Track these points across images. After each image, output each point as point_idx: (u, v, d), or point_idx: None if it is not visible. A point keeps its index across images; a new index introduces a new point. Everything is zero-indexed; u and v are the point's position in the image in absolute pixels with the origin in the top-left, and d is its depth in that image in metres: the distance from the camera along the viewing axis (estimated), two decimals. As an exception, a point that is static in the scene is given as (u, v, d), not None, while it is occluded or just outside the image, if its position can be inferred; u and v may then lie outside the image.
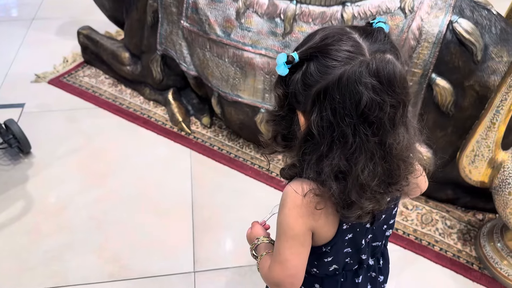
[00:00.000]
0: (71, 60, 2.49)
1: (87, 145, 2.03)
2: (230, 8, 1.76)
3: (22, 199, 1.79)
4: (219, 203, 1.83)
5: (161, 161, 1.99)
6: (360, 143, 0.69)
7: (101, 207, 1.78)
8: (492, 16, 1.59)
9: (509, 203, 1.43)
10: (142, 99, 2.29)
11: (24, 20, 2.81)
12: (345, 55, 0.67)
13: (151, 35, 2.07)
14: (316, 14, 1.66)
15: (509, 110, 1.41)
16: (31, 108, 2.19)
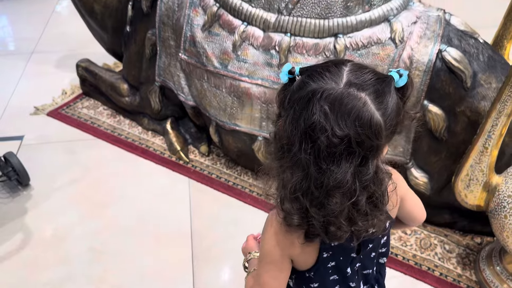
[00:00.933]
0: (70, 92, 2.51)
1: (86, 176, 2.03)
2: (226, 41, 1.79)
3: (21, 232, 1.78)
4: (219, 232, 1.82)
5: (160, 190, 1.98)
6: (300, 157, 0.71)
7: (100, 238, 1.76)
8: (479, 44, 1.64)
9: (505, 226, 1.43)
10: (141, 129, 2.29)
11: (23, 54, 2.85)
12: (322, 77, 0.70)
13: (150, 67, 2.10)
14: (310, 46, 1.69)
15: (500, 135, 1.42)
16: (30, 140, 2.20)
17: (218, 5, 1.79)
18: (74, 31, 2.94)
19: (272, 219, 0.83)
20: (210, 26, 1.82)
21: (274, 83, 1.75)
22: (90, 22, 2.40)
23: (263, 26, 1.74)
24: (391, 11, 1.66)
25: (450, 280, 1.68)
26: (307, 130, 0.69)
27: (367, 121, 0.68)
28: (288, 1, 1.69)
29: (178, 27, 1.91)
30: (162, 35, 1.97)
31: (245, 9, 1.75)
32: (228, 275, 1.72)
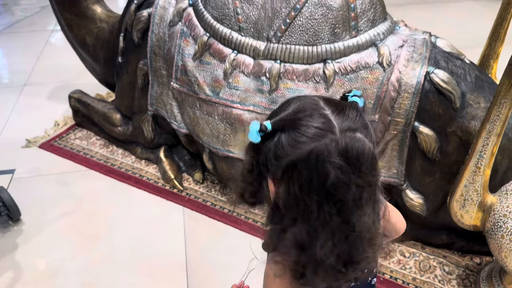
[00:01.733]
0: (62, 124, 2.52)
1: (78, 208, 2.01)
2: (217, 69, 1.81)
3: (12, 269, 1.75)
4: (214, 261, 1.81)
5: (154, 220, 1.97)
6: (323, 220, 0.69)
7: (93, 271, 1.74)
8: (466, 65, 1.68)
9: (503, 246, 1.43)
10: (134, 158, 2.30)
11: (15, 87, 2.86)
12: (315, 132, 0.67)
13: (142, 96, 2.11)
14: (299, 72, 1.71)
15: (492, 154, 1.44)
16: (22, 173, 2.18)
17: (209, 35, 1.82)
18: (67, 63, 2.98)
19: (267, 272, 0.82)
20: (201, 55, 1.84)
21: (265, 109, 1.77)
22: (82, 54, 2.42)
23: (253, 54, 1.76)
24: (378, 36, 1.70)
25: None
26: (327, 192, 0.67)
27: (373, 159, 0.69)
28: (277, 29, 1.72)
29: (169, 57, 1.93)
30: (153, 65, 1.99)
31: (235, 38, 1.78)
32: (224, 306, 1.68)
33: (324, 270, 0.73)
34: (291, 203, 0.71)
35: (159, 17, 1.95)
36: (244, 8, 1.76)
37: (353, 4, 1.67)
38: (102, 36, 2.30)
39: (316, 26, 1.69)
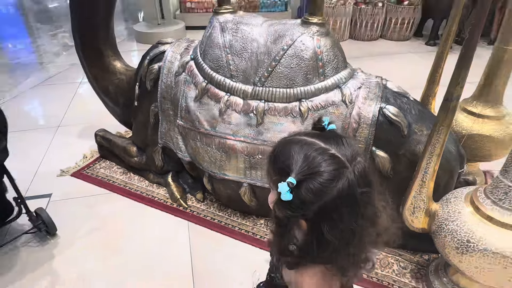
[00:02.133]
0: (90, 156, 2.51)
1: (103, 224, 2.01)
2: (214, 108, 1.82)
3: (49, 276, 1.74)
4: (214, 264, 1.79)
5: (164, 232, 1.96)
6: (362, 233, 0.68)
7: (116, 277, 1.73)
8: (410, 101, 1.71)
9: (446, 244, 1.44)
10: (147, 183, 2.28)
11: (51, 128, 2.87)
12: (335, 174, 0.65)
13: (153, 133, 2.12)
14: (280, 109, 1.73)
15: (434, 171, 1.47)
16: (57, 197, 2.17)
17: (207, 82, 1.83)
18: (93, 108, 2.97)
19: (308, 283, 0.77)
20: (200, 97, 1.85)
21: (254, 139, 1.78)
22: (106, 100, 2.43)
23: (243, 96, 1.78)
24: (341, 80, 1.72)
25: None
26: (358, 215, 0.67)
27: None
28: (261, 76, 1.74)
29: (175, 100, 1.94)
30: (163, 107, 2.01)
31: (228, 83, 1.79)
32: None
33: (359, 265, 0.73)
34: (336, 233, 0.68)
35: (167, 69, 1.96)
36: (234, 60, 1.78)
37: (320, 55, 1.69)
38: (122, 85, 2.32)
39: (292, 73, 1.71)
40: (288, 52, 1.70)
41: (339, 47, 1.79)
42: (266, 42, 1.75)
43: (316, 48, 1.68)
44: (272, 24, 1.81)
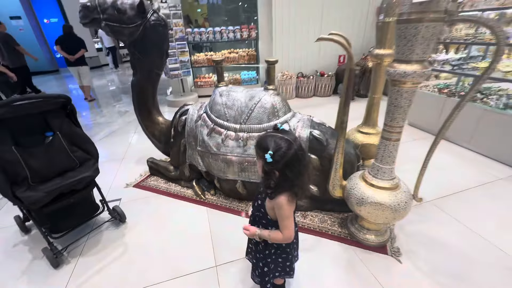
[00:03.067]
0: (144, 174, 2.52)
1: (155, 214, 2.01)
2: (218, 138, 1.89)
3: (123, 246, 1.75)
4: (224, 231, 1.81)
5: (192, 215, 1.98)
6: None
7: (164, 245, 1.70)
8: (327, 127, 1.84)
9: (352, 202, 1.53)
10: (180, 187, 2.29)
11: (118, 160, 2.87)
12: (288, 147, 0.86)
13: (183, 156, 2.14)
14: (256, 136, 1.81)
15: (340, 163, 1.58)
16: (125, 200, 2.18)
17: (213, 124, 1.92)
18: (143, 147, 3.04)
19: (282, 201, 0.92)
20: (210, 133, 1.92)
21: (242, 154, 1.84)
22: (153, 140, 2.43)
23: (234, 130, 1.86)
24: (288, 118, 1.84)
25: (336, 234, 1.73)
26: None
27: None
28: (244, 119, 1.84)
29: (195, 135, 2.01)
30: (188, 140, 2.05)
31: (225, 124, 1.88)
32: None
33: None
34: (293, 172, 0.87)
35: (190, 119, 2.04)
36: (228, 111, 1.89)
37: (275, 105, 1.82)
38: (163, 130, 2.32)
39: (261, 116, 1.81)
40: (257, 105, 1.82)
41: (286, 100, 1.91)
42: (245, 100, 1.88)
43: (272, 102, 1.83)
44: (248, 90, 1.97)
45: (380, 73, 1.96)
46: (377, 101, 2.09)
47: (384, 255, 1.58)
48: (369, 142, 2.14)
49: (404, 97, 1.23)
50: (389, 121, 1.33)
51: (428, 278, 1.44)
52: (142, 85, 2.19)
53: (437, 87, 3.06)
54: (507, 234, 1.69)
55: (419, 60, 1.13)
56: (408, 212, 1.47)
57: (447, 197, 2.05)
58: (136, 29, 1.93)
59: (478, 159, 2.55)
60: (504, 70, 2.52)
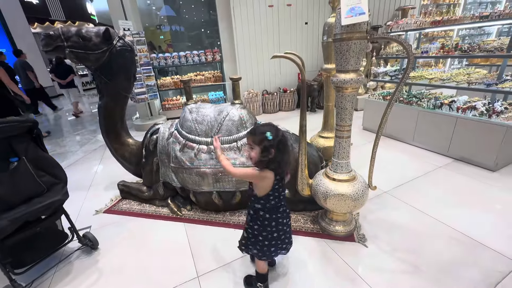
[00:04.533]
0: (115, 199, 2.45)
1: (130, 236, 1.95)
2: (191, 153, 1.93)
3: (97, 272, 1.65)
4: (202, 242, 1.82)
5: (169, 231, 1.96)
6: (287, 154, 1.08)
7: (142, 266, 1.66)
8: (291, 134, 1.98)
9: (319, 197, 1.66)
10: (155, 207, 2.26)
11: (85, 187, 2.74)
12: (278, 133, 1.07)
13: (156, 175, 2.14)
14: (227, 147, 1.88)
15: (305, 164, 1.71)
16: (95, 226, 2.08)
17: (185, 140, 1.96)
18: (112, 171, 2.96)
19: (253, 170, 1.11)
20: (182, 149, 1.95)
21: (215, 166, 1.89)
22: (123, 162, 2.36)
23: (206, 144, 1.92)
24: None
25: (309, 231, 1.82)
26: (287, 146, 1.08)
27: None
28: (214, 132, 1.92)
29: (168, 152, 2.03)
30: (161, 158, 2.06)
31: (197, 139, 1.94)
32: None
33: (285, 167, 1.08)
34: (277, 154, 1.06)
35: (161, 137, 2.07)
36: (199, 126, 1.97)
37: (242, 118, 1.93)
38: (133, 152, 2.29)
39: (230, 128, 1.90)
40: (226, 118, 1.92)
41: (252, 113, 2.02)
42: (214, 115, 1.97)
43: (240, 114, 1.95)
44: (216, 106, 2.09)
45: (330, 84, 2.24)
46: (331, 108, 2.36)
47: (352, 242, 1.73)
48: (329, 144, 2.38)
49: (348, 100, 1.48)
50: (339, 121, 1.56)
51: (390, 256, 1.62)
52: (109, 108, 2.21)
53: (381, 95, 3.53)
54: (448, 211, 1.99)
55: (354, 70, 1.39)
56: (366, 199, 1.67)
57: (400, 186, 2.34)
58: (102, 55, 1.99)
59: (421, 153, 2.95)
60: (429, 77, 3.03)
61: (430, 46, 3.07)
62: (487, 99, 2.77)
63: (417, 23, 3.09)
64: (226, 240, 1.82)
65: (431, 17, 3.12)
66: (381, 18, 5.78)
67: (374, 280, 1.47)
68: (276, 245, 1.22)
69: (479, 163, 2.54)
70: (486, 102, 2.66)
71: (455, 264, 1.54)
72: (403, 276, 1.48)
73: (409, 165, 2.68)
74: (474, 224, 1.83)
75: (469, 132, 2.53)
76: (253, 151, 1.10)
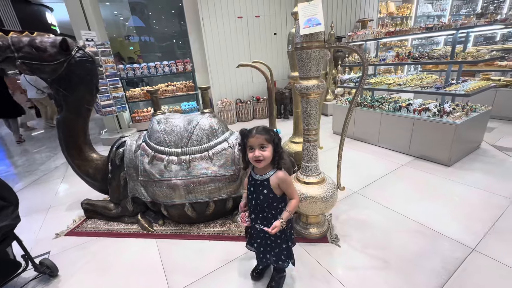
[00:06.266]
0: (78, 220, 2.28)
1: (95, 258, 1.82)
2: (161, 165, 1.88)
3: None
4: (176, 256, 1.76)
5: (141, 250, 1.87)
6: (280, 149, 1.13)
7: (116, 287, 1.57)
8: None
9: None
10: (123, 225, 2.15)
11: (44, 209, 2.51)
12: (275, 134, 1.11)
13: (124, 190, 2.06)
14: (198, 157, 1.87)
15: None
16: (55, 251, 1.92)
17: (154, 151, 1.92)
18: (75, 190, 2.78)
19: (283, 174, 1.11)
20: (151, 161, 1.90)
21: (187, 176, 1.85)
22: (87, 179, 2.27)
23: (176, 154, 1.89)
24: (226, 136, 1.96)
25: None
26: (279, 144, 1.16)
27: None
28: (184, 142, 1.89)
29: (136, 166, 1.96)
30: (128, 172, 1.99)
31: (166, 150, 1.90)
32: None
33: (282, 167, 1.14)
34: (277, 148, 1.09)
35: (128, 150, 2.00)
36: (168, 137, 1.93)
37: (213, 126, 1.94)
38: (98, 167, 2.19)
39: (200, 137, 1.89)
40: (196, 128, 1.91)
41: (223, 121, 2.04)
42: (184, 125, 1.96)
43: (210, 123, 1.96)
44: (185, 116, 2.07)
45: (298, 91, 2.32)
46: (300, 114, 2.44)
47: (326, 243, 1.77)
48: (301, 149, 2.44)
49: (312, 105, 1.54)
50: (306, 126, 1.62)
51: (361, 254, 1.68)
52: (70, 122, 2.09)
53: (347, 101, 3.73)
54: (411, 205, 2.13)
55: (316, 76, 1.47)
56: (335, 200, 1.73)
57: (368, 186, 2.46)
58: (60, 66, 1.89)
59: (385, 153, 3.15)
60: (388, 83, 3.28)
61: (387, 54, 3.33)
62: (438, 101, 3.06)
63: (374, 33, 3.35)
64: (201, 252, 1.77)
65: (386, 29, 3.41)
66: (343, 29, 6.18)
67: (348, 279, 1.51)
68: None
69: (436, 159, 2.76)
70: (437, 104, 2.93)
71: (419, 255, 1.63)
72: (374, 272, 1.54)
73: (376, 165, 2.84)
74: (435, 216, 1.97)
75: (425, 131, 2.76)
76: (267, 150, 1.09)
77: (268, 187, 1.12)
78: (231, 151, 1.93)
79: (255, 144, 1.08)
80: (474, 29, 2.57)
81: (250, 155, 1.09)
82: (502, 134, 3.36)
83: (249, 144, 1.09)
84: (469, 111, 2.72)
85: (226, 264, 1.66)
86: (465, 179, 2.43)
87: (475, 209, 2.03)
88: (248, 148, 1.10)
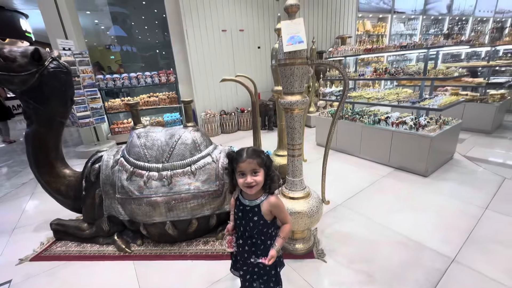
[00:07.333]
0: (46, 242, 2.09)
1: (65, 285, 1.67)
2: (140, 181, 1.82)
3: None
4: (160, 281, 1.68)
5: (116, 274, 1.75)
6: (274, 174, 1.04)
7: None
8: None
9: None
10: (98, 246, 2.01)
11: (4, 232, 2.29)
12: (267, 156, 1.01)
13: (99, 209, 1.95)
14: (180, 173, 1.82)
15: None
16: (18, 279, 1.74)
17: (133, 167, 1.85)
18: (44, 209, 2.57)
19: (275, 199, 1.03)
20: (130, 177, 1.83)
21: (168, 193, 1.79)
22: (58, 197, 2.11)
23: (157, 170, 1.83)
24: (210, 150, 1.94)
25: None
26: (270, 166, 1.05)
27: None
28: (166, 157, 1.84)
29: (113, 182, 1.88)
30: (105, 189, 1.90)
31: (147, 165, 1.84)
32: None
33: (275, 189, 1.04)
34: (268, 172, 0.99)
35: (105, 166, 1.91)
36: (148, 151, 1.87)
37: (196, 140, 1.90)
38: (71, 184, 2.06)
39: (183, 152, 1.85)
40: (178, 142, 1.87)
41: (206, 134, 2.01)
42: (165, 139, 1.91)
43: (193, 137, 1.92)
44: (167, 129, 2.02)
45: (282, 105, 2.35)
46: (284, 127, 2.46)
47: (312, 259, 1.75)
48: (285, 162, 2.44)
49: (296, 120, 1.55)
50: (290, 140, 1.62)
51: (347, 269, 1.67)
52: (41, 136, 1.96)
53: (330, 113, 3.83)
54: (393, 216, 2.17)
55: (299, 92, 1.48)
56: (321, 215, 1.72)
57: (352, 197, 2.49)
58: (31, 77, 1.78)
59: (367, 164, 3.23)
60: (367, 97, 3.41)
61: (366, 70, 3.49)
62: (414, 115, 3.21)
63: (353, 50, 3.51)
64: (183, 274, 1.68)
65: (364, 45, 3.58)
66: (324, 44, 6.44)
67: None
68: None
69: (414, 170, 2.87)
70: (413, 117, 3.08)
71: (403, 268, 1.65)
72: (360, 287, 1.52)
73: (358, 177, 2.90)
74: (415, 227, 2.02)
75: (403, 143, 2.88)
76: (259, 175, 0.98)
77: (259, 213, 1.02)
78: (214, 166, 1.90)
79: (247, 169, 0.97)
80: (444, 48, 2.77)
81: (240, 181, 0.98)
82: (473, 145, 3.59)
83: (239, 169, 0.98)
84: (442, 124, 2.87)
85: (210, 286, 1.58)
86: (442, 189, 2.53)
87: (453, 218, 2.10)
88: (239, 174, 0.99)
